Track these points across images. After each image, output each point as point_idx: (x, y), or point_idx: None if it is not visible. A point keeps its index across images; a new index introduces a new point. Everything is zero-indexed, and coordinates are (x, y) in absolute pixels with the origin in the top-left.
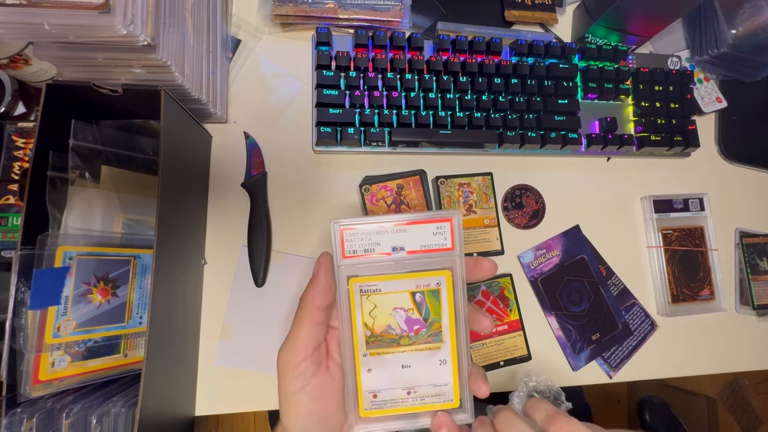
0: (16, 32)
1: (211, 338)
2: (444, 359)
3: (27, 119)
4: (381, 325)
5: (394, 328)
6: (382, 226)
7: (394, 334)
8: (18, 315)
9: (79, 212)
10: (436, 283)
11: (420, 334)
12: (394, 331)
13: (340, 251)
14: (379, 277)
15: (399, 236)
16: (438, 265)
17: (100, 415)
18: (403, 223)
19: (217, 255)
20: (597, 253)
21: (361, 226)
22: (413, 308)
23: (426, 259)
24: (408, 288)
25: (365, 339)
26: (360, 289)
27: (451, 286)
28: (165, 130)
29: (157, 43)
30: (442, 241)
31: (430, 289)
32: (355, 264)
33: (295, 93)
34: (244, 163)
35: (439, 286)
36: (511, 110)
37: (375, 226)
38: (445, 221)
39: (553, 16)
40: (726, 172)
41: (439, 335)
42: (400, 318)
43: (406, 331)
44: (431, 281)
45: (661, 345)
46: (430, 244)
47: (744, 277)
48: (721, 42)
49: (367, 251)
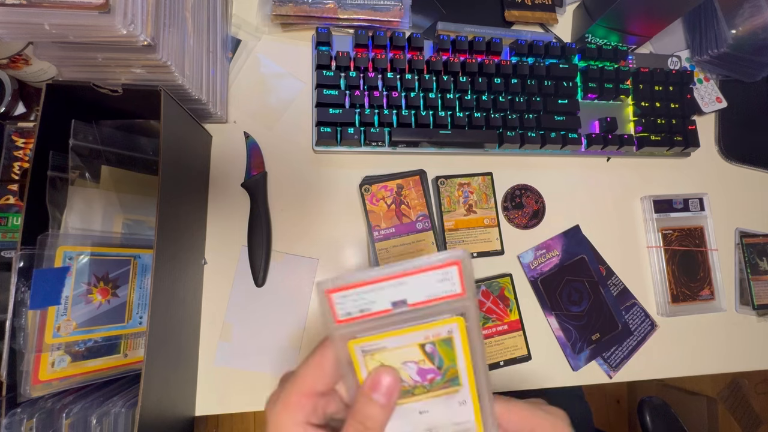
0: (16, 32)
1: (211, 338)
2: (463, 400)
3: (27, 119)
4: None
5: (405, 381)
6: (376, 284)
7: (406, 386)
8: (18, 315)
9: (79, 212)
10: (447, 331)
11: (435, 382)
12: (406, 383)
13: (331, 316)
14: (381, 335)
15: (399, 289)
16: (448, 314)
17: (100, 415)
18: (401, 275)
19: (217, 255)
20: (597, 253)
21: (350, 288)
22: (424, 359)
23: (434, 308)
24: (416, 341)
25: None
26: (362, 350)
27: (465, 332)
28: (165, 130)
29: (157, 43)
30: (450, 288)
31: (442, 338)
32: (352, 326)
33: (295, 93)
34: (244, 163)
35: (451, 334)
36: (511, 110)
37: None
38: (451, 266)
39: (553, 16)
40: (726, 172)
41: (455, 380)
42: (412, 371)
43: (419, 381)
44: (441, 330)
45: (661, 345)
46: (436, 292)
47: (744, 277)
48: (721, 42)
49: (364, 311)
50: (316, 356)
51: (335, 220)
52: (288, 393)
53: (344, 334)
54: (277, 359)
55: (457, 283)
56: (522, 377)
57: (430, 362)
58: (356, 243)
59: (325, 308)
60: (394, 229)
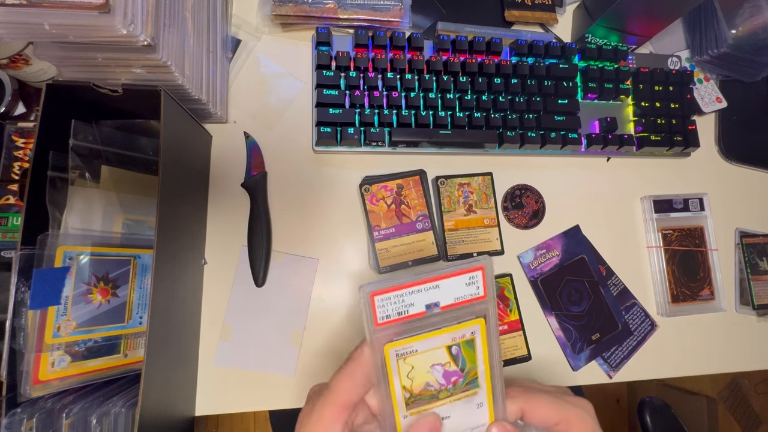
0: (16, 32)
1: (211, 338)
2: (481, 402)
3: (27, 119)
4: (419, 384)
5: (432, 385)
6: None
7: (432, 390)
8: (18, 315)
9: (79, 212)
10: (470, 332)
11: (457, 385)
12: (433, 387)
13: (372, 319)
14: (414, 338)
15: (432, 293)
16: (472, 315)
17: (100, 415)
18: (436, 279)
19: (217, 255)
20: (597, 253)
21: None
22: (450, 361)
23: (460, 311)
24: (444, 343)
25: (404, 401)
26: (396, 353)
27: (485, 333)
28: (165, 130)
29: (157, 43)
30: (474, 291)
31: (466, 340)
32: (389, 329)
33: (295, 93)
34: (244, 163)
35: (474, 335)
36: (511, 110)
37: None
38: (476, 270)
39: (553, 16)
40: (726, 172)
41: (475, 381)
42: (438, 374)
43: (444, 384)
44: (466, 332)
45: (661, 345)
46: (464, 295)
47: (744, 277)
48: (721, 42)
49: (401, 314)
50: (349, 366)
51: (335, 220)
52: (322, 406)
53: (381, 337)
54: (277, 359)
55: (480, 287)
56: (522, 377)
57: (455, 364)
58: (356, 243)
59: (367, 311)
60: (394, 229)
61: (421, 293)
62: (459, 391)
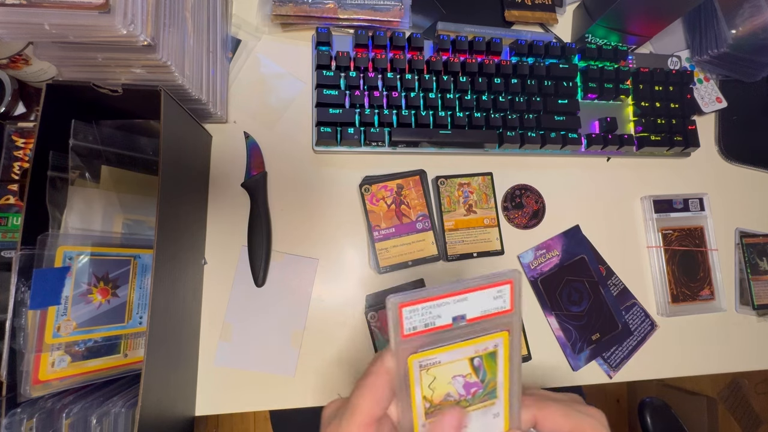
0: (16, 32)
1: (211, 338)
2: (497, 412)
3: (27, 119)
4: (440, 395)
5: (452, 395)
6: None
7: (452, 400)
8: (18, 315)
9: (79, 212)
10: (494, 345)
11: (477, 395)
12: (453, 397)
13: (398, 330)
14: (439, 350)
15: (460, 305)
16: (496, 328)
17: (100, 415)
18: (464, 291)
19: (217, 255)
20: (597, 253)
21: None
22: (472, 373)
23: (486, 324)
24: (467, 355)
25: (424, 411)
26: (419, 364)
27: (508, 346)
28: (165, 130)
29: (157, 43)
30: (501, 304)
31: (488, 352)
32: (414, 341)
33: (295, 93)
34: (244, 163)
35: (497, 348)
36: (511, 110)
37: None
38: (505, 284)
39: (553, 16)
40: (726, 172)
41: (494, 392)
42: (459, 384)
43: (464, 395)
44: (489, 344)
45: (661, 345)
46: (490, 308)
47: (744, 277)
48: (721, 42)
49: (428, 325)
50: (369, 380)
51: (335, 220)
52: (347, 426)
53: (406, 349)
54: (277, 359)
55: (508, 300)
56: (522, 377)
57: (476, 376)
58: (356, 243)
59: (394, 322)
60: (394, 229)
61: (449, 305)
62: (478, 402)
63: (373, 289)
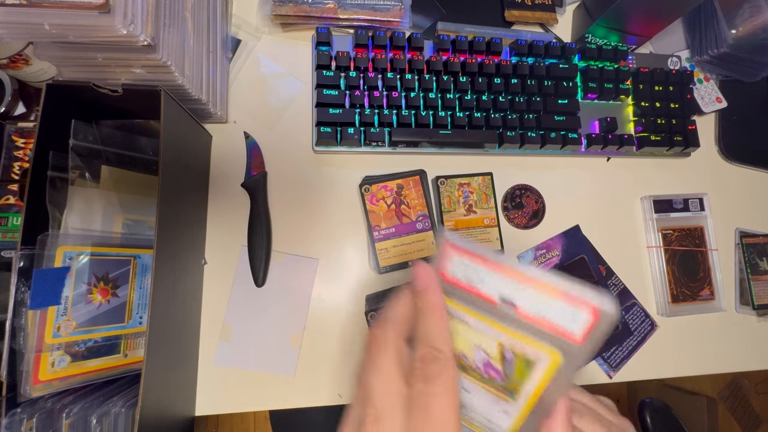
0: (16, 32)
1: (211, 338)
2: (508, 411)
3: (27, 119)
4: (455, 348)
5: (467, 358)
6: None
7: (465, 362)
8: (18, 315)
9: (79, 212)
10: (534, 355)
11: (492, 381)
12: (467, 360)
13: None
14: (474, 313)
15: (515, 291)
16: (547, 343)
17: (100, 415)
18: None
19: (217, 255)
20: (597, 253)
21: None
22: (497, 359)
23: (538, 329)
24: (500, 340)
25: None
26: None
27: (554, 371)
28: (165, 130)
29: (157, 43)
30: (569, 326)
31: (525, 357)
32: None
33: (295, 93)
34: (244, 163)
35: (536, 360)
36: (511, 110)
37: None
38: (585, 311)
39: (553, 16)
40: (726, 172)
41: (513, 393)
42: (479, 357)
43: (479, 369)
44: (530, 351)
45: (661, 345)
46: (552, 319)
47: (744, 277)
48: (721, 42)
49: (470, 284)
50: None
51: (335, 220)
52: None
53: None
54: (277, 359)
55: (580, 330)
56: None
57: (501, 365)
58: (356, 243)
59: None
60: (394, 229)
61: (502, 282)
62: (491, 386)
63: (373, 289)
